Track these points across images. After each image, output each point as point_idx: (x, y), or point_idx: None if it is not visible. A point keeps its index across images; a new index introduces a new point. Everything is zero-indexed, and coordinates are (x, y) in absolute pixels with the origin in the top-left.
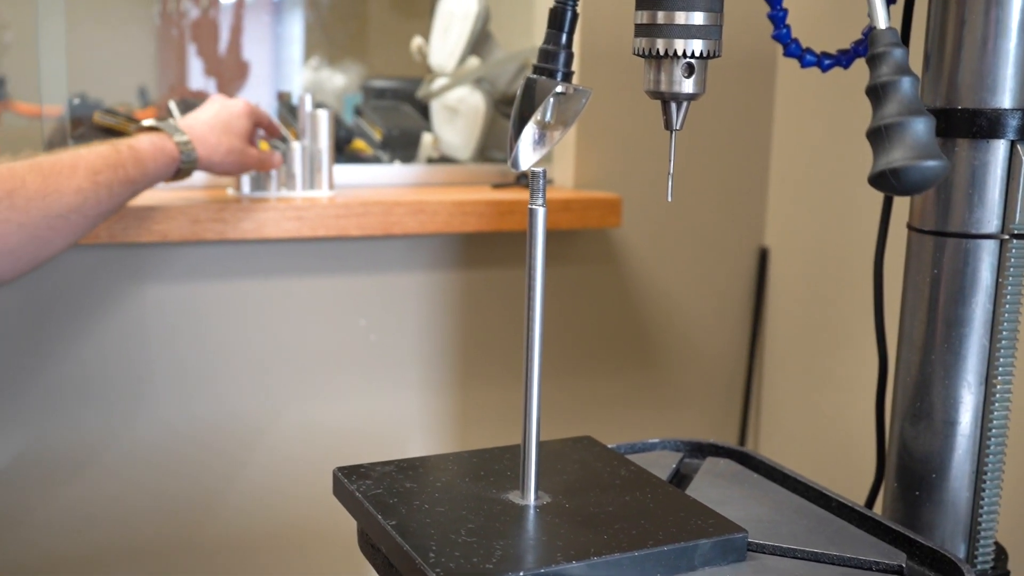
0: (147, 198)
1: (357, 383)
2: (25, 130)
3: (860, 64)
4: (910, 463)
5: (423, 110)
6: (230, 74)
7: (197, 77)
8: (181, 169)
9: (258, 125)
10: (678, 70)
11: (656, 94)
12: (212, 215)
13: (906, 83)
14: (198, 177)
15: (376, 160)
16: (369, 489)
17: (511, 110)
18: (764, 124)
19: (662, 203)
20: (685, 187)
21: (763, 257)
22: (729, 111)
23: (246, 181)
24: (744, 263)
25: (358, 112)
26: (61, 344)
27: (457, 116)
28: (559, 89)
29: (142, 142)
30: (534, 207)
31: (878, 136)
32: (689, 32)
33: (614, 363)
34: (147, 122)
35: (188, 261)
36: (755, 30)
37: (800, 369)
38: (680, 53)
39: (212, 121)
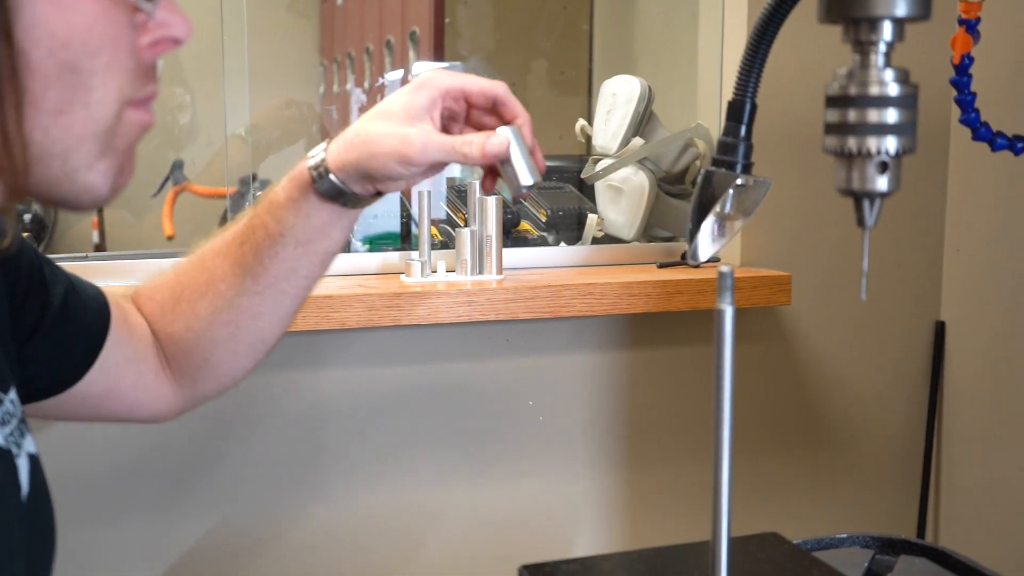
0: (325, 288)
1: (527, 463)
2: (202, 209)
3: None
4: None
5: (586, 190)
6: None
7: None
8: (325, 194)
9: (457, 97)
10: (871, 168)
11: (848, 192)
12: (387, 302)
13: None
14: (371, 262)
15: (542, 241)
16: None
17: (675, 188)
18: (938, 194)
19: (832, 279)
20: (856, 261)
21: (940, 332)
22: (902, 181)
23: (417, 268)
24: (920, 338)
25: None
26: (245, 429)
27: (621, 196)
28: (739, 181)
29: (280, 182)
30: (723, 307)
31: None
32: (882, 130)
33: (786, 444)
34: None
35: (365, 346)
36: (927, 96)
37: (984, 452)
38: (874, 151)
39: (371, 112)
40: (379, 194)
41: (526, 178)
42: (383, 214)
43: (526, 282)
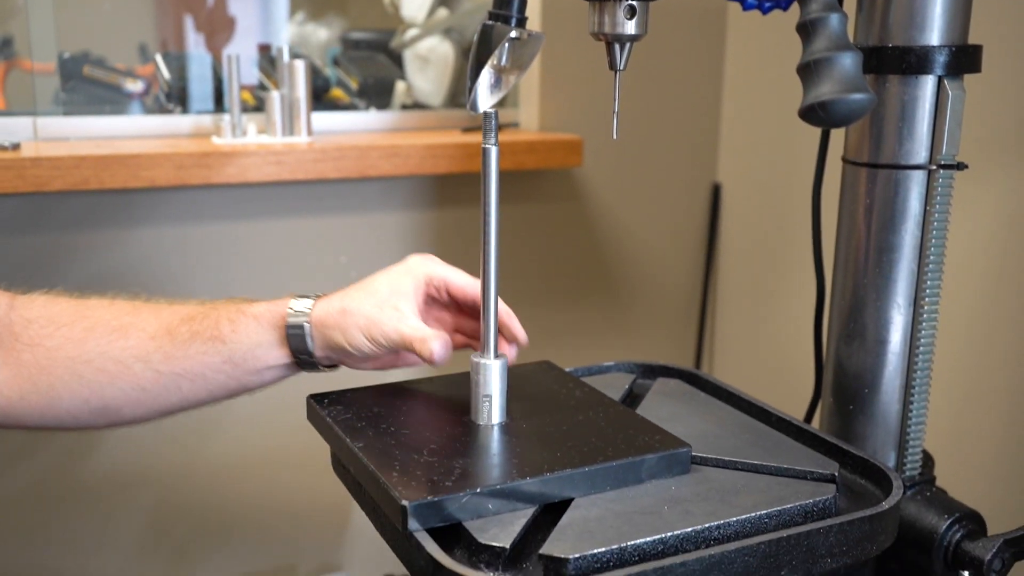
0: (133, 146)
1: None
2: (29, 86)
3: None
4: (844, 380)
5: (397, 60)
6: (218, 29)
7: (192, 33)
8: (289, 335)
9: (439, 287)
10: (620, 12)
11: (600, 35)
12: (196, 161)
13: (834, 19)
14: (183, 125)
15: (353, 107)
16: (339, 414)
17: None
18: (716, 64)
19: (621, 143)
20: (641, 127)
21: (716, 193)
22: (681, 51)
23: (227, 128)
24: (698, 199)
25: (336, 63)
26: (58, 287)
27: (428, 65)
28: (513, 34)
29: (261, 301)
30: (487, 147)
31: (807, 71)
32: None
33: (577, 295)
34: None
35: (176, 206)
36: None
37: (750, 297)
38: None
39: (359, 285)
40: (335, 366)
41: (486, 416)
42: (197, 77)
43: (334, 143)
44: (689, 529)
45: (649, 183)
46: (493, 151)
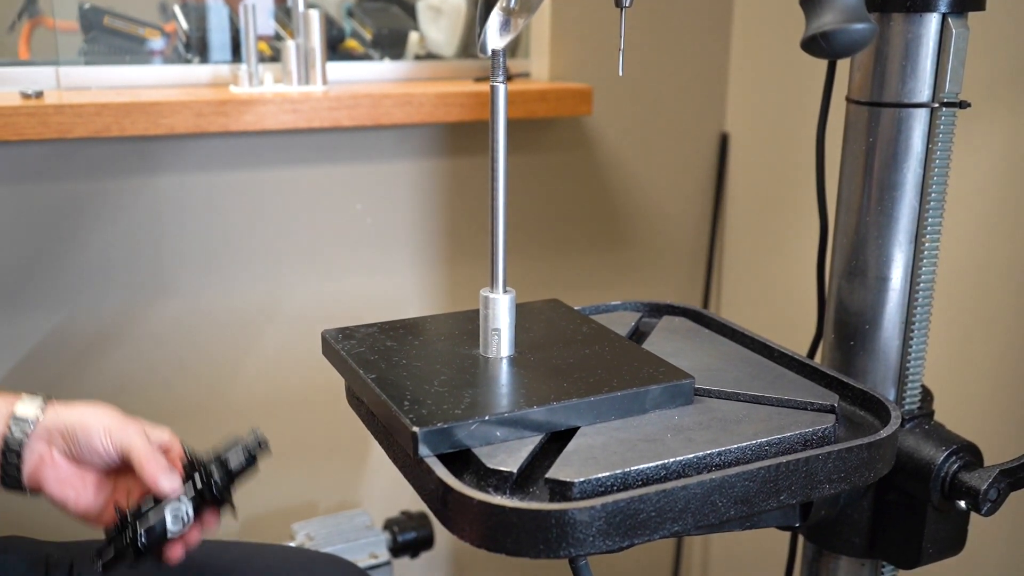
0: (153, 95)
1: (357, 261)
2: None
3: None
4: (846, 316)
5: (410, 11)
6: None
7: None
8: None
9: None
10: None
11: None
12: (215, 109)
13: None
14: (202, 74)
15: (367, 58)
16: (353, 348)
17: None
18: (725, 14)
19: (630, 93)
20: (651, 76)
21: (724, 142)
22: (690, 2)
23: (244, 77)
24: (706, 147)
25: (350, 13)
26: (86, 230)
27: (441, 15)
28: None
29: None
30: (495, 84)
31: (809, 2)
32: None
33: (587, 241)
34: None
35: (195, 153)
36: None
37: (757, 243)
38: None
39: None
40: (35, 491)
41: (495, 349)
42: (215, 28)
43: (348, 92)
44: (691, 455)
45: (658, 132)
46: (501, 88)
